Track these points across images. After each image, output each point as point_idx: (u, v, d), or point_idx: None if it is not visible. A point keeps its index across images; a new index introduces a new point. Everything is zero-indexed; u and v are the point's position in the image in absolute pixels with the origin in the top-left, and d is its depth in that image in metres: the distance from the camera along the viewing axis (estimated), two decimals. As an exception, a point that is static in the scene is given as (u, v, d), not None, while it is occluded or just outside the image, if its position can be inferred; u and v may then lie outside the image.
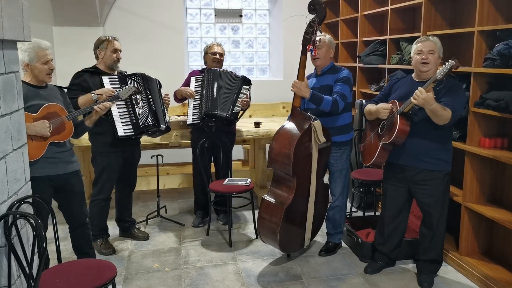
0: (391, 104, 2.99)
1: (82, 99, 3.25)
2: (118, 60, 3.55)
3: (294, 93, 3.30)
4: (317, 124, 3.20)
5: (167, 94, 3.82)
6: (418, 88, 2.73)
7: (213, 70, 4.03)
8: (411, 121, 2.91)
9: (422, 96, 2.69)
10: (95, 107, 3.00)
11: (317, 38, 3.28)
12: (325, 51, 3.42)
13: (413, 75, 3.10)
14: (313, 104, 3.29)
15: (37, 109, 2.68)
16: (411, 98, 2.76)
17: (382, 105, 3.04)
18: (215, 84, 3.98)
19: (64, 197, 2.91)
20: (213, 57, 4.07)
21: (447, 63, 2.66)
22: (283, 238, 3.25)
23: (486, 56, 3.07)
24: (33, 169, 2.61)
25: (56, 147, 2.77)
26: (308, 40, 3.21)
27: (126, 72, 3.68)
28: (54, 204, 2.81)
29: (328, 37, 3.45)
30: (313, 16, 3.21)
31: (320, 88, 3.40)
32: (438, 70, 2.69)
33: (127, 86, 3.28)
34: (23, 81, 2.67)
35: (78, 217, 2.99)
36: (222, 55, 4.11)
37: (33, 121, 2.65)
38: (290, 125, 3.27)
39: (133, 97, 3.41)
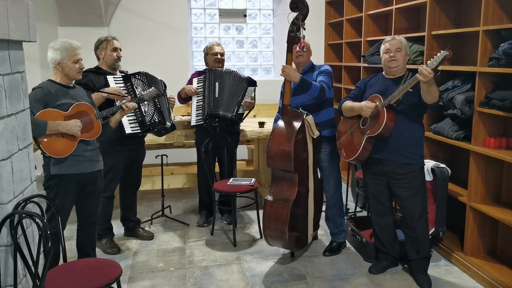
0: (374, 103, 2.99)
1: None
2: (118, 58, 3.57)
3: (284, 93, 3.30)
4: (309, 119, 3.25)
5: (172, 96, 3.85)
6: (423, 67, 2.69)
7: (214, 70, 4.04)
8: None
9: (430, 75, 2.67)
10: (123, 106, 3.06)
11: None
12: (307, 49, 3.46)
13: (384, 73, 3.18)
14: (299, 92, 3.32)
15: (67, 108, 2.76)
16: (417, 75, 2.72)
17: (366, 103, 3.03)
18: (217, 84, 4.00)
19: (83, 195, 2.94)
20: (214, 58, 4.08)
21: (439, 54, 2.66)
22: (291, 236, 3.25)
23: (491, 56, 3.06)
24: (61, 166, 2.72)
25: (84, 144, 2.83)
26: (293, 38, 3.23)
27: (127, 71, 3.70)
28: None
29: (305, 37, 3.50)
30: (295, 14, 3.22)
31: None
32: (431, 60, 2.68)
33: (151, 89, 3.31)
34: (52, 81, 2.80)
35: (91, 215, 3.02)
36: (223, 54, 4.12)
37: (64, 119, 2.72)
38: (284, 123, 3.29)
39: (138, 95, 3.44)
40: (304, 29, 3.23)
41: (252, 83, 4.05)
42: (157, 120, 3.53)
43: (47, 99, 2.69)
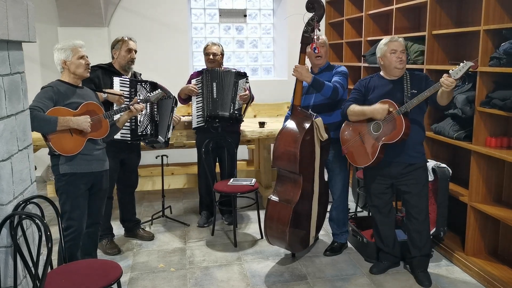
0: (387, 105, 2.95)
1: None
2: (132, 60, 3.59)
3: (294, 93, 3.30)
4: (319, 121, 3.23)
5: (178, 116, 3.82)
6: (446, 78, 2.70)
7: (210, 71, 4.04)
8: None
9: (453, 85, 2.71)
10: (131, 107, 3.07)
11: (320, 37, 3.29)
12: (326, 49, 3.47)
13: (382, 73, 3.16)
14: (311, 92, 3.32)
15: (77, 107, 2.78)
16: (441, 89, 2.74)
17: (380, 106, 2.95)
18: (214, 84, 3.99)
19: (90, 195, 2.94)
20: (207, 58, 4.09)
21: (462, 64, 2.65)
22: (292, 237, 3.24)
23: (492, 55, 3.05)
24: (70, 165, 2.75)
25: (92, 144, 2.84)
26: (307, 38, 3.22)
27: (140, 74, 3.69)
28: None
29: (324, 36, 3.53)
30: (311, 14, 3.21)
31: None
32: (454, 70, 2.68)
33: (157, 91, 3.31)
34: (61, 80, 2.83)
35: (95, 215, 3.02)
36: (215, 54, 4.07)
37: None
38: (293, 124, 3.28)
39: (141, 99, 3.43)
40: (319, 30, 3.23)
41: (241, 76, 4.05)
42: (149, 132, 3.52)
43: (57, 98, 2.71)
